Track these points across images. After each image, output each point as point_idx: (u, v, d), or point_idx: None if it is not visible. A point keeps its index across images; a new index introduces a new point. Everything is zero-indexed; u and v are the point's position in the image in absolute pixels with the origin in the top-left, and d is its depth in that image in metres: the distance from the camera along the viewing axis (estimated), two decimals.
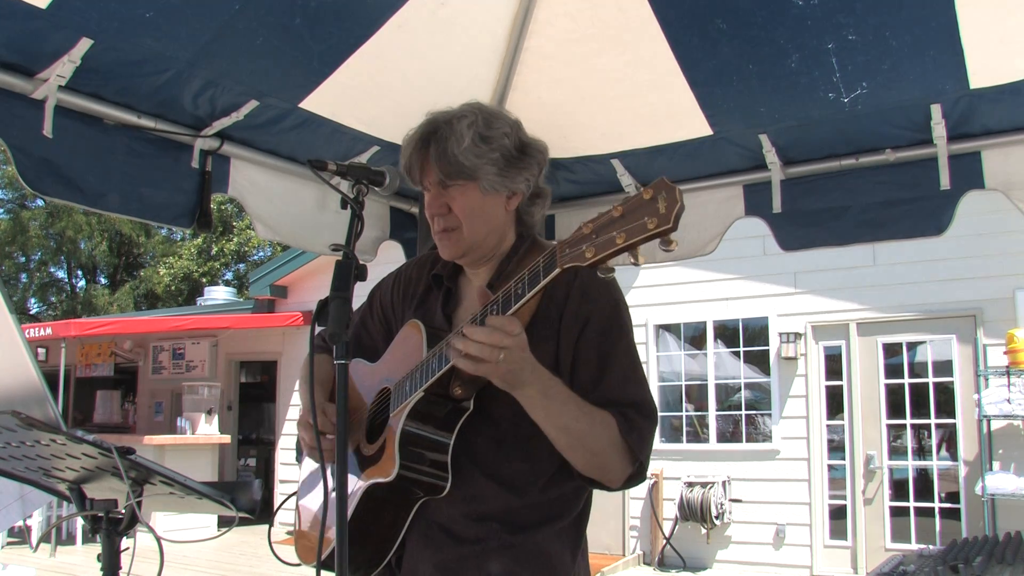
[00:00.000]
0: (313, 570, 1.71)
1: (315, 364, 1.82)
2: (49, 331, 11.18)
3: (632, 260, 1.27)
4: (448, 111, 1.66)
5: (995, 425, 7.49)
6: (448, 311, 1.72)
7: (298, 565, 1.75)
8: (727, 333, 9.38)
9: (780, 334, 8.74)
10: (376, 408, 1.71)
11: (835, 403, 8.61)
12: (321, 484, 1.78)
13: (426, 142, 1.64)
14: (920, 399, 8.21)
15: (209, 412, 11.15)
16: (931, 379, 8.19)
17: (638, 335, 9.44)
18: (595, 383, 1.58)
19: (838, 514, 8.44)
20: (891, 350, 8.43)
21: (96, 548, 1.71)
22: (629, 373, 1.61)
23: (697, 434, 9.33)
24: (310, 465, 1.88)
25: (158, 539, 1.68)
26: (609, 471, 1.58)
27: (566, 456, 1.56)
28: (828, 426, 8.60)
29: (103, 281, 28.38)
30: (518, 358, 1.40)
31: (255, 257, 25.49)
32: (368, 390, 1.75)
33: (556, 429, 1.52)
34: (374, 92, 2.59)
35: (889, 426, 8.34)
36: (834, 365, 8.66)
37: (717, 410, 9.21)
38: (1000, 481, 7.20)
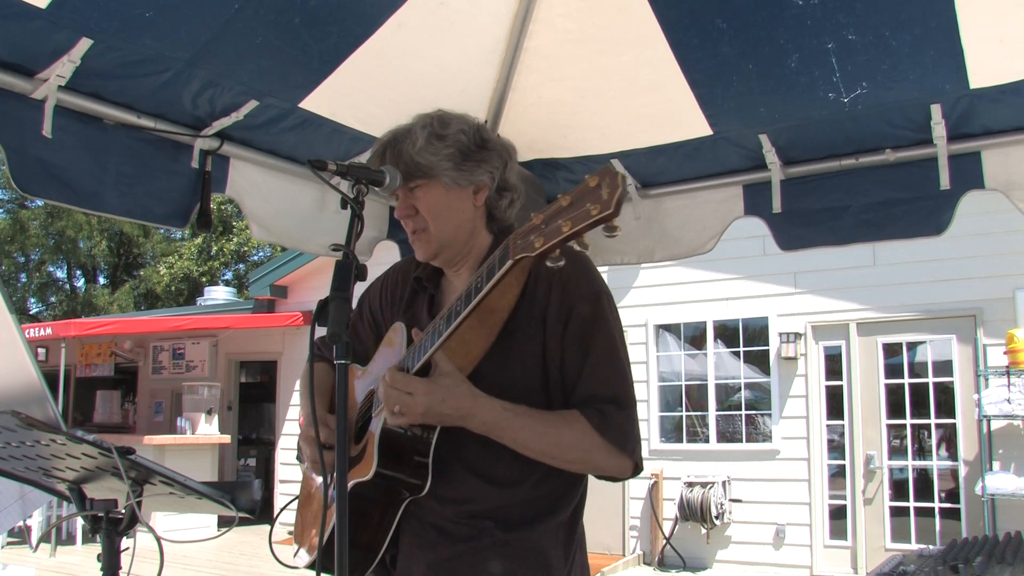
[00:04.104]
0: (311, 570, 1.72)
1: (315, 377, 1.85)
2: (49, 331, 11.18)
3: (579, 246, 1.29)
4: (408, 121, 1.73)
5: (995, 425, 7.49)
6: (435, 315, 1.73)
7: (295, 568, 1.75)
8: (727, 333, 9.38)
9: (780, 334, 8.74)
10: (363, 410, 1.72)
11: (835, 403, 8.61)
12: (320, 484, 1.79)
13: (385, 147, 1.70)
14: (920, 399, 8.21)
15: (209, 412, 11.15)
16: (931, 379, 8.19)
17: (638, 335, 9.55)
18: (577, 377, 1.60)
19: (838, 514, 8.44)
20: (891, 350, 8.43)
21: (96, 548, 1.71)
22: (608, 367, 1.61)
23: (697, 434, 9.33)
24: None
25: (158, 539, 1.68)
26: (601, 469, 1.60)
27: (553, 466, 1.59)
28: (828, 426, 8.60)
29: (103, 281, 28.38)
30: (419, 414, 1.49)
31: (255, 257, 25.50)
32: (359, 393, 1.77)
33: (520, 449, 1.56)
34: (374, 92, 2.59)
35: (889, 426, 8.34)
36: (834, 365, 8.67)
37: (717, 410, 9.21)
38: (1000, 481, 7.20)
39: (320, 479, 1.80)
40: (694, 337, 9.60)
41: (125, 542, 1.71)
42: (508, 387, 1.56)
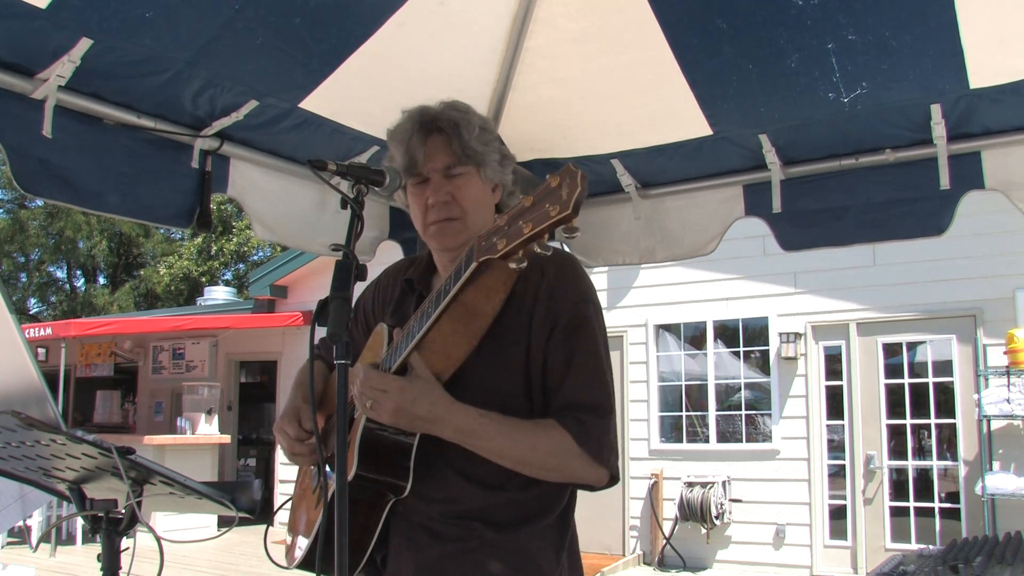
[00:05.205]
0: (303, 570, 1.72)
1: (304, 371, 1.86)
2: (49, 331, 11.18)
3: (539, 248, 1.27)
4: (437, 105, 1.69)
5: (995, 425, 7.49)
6: None
7: (288, 568, 1.75)
8: (727, 333, 9.38)
9: (780, 334, 8.74)
10: (350, 411, 1.71)
11: (835, 403, 8.61)
12: (312, 485, 1.79)
13: (430, 128, 1.65)
14: (920, 399, 8.21)
15: (209, 412, 11.15)
16: (931, 379, 8.19)
17: (638, 335, 9.56)
18: (559, 384, 1.58)
19: (838, 514, 8.44)
20: (891, 350, 8.43)
21: (96, 548, 1.71)
22: (591, 374, 1.59)
23: (697, 434, 9.33)
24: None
25: (158, 539, 1.68)
26: (578, 478, 1.58)
27: (529, 475, 1.56)
28: (828, 426, 8.60)
29: (102, 281, 28.38)
30: (390, 410, 1.48)
31: (255, 257, 25.50)
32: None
33: (495, 457, 1.53)
34: (374, 92, 2.59)
35: (889, 426, 8.34)
36: (834, 365, 8.67)
37: (717, 410, 9.21)
38: (1000, 481, 7.20)
39: (312, 475, 1.81)
40: (694, 337, 9.60)
41: (125, 542, 1.71)
42: (492, 392, 1.55)
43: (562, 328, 1.59)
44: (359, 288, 1.58)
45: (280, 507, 2.00)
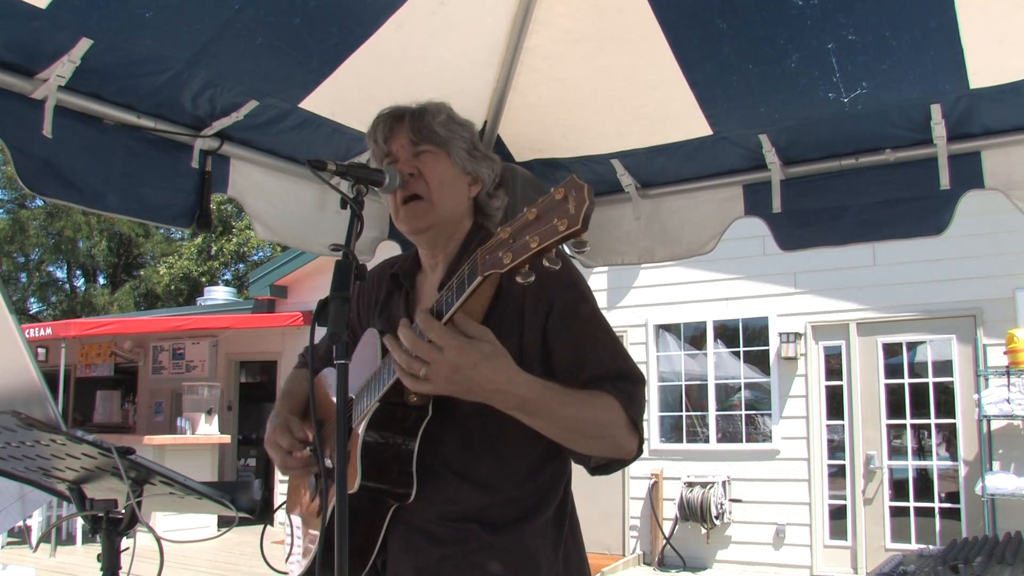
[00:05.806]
0: None
1: (292, 380, 1.85)
2: (49, 331, 11.19)
3: (547, 262, 1.24)
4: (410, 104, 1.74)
5: (995, 425, 7.49)
6: (411, 313, 1.70)
7: (285, 574, 1.75)
8: (727, 333, 9.38)
9: (780, 334, 8.74)
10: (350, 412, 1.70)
11: (835, 403, 8.61)
12: (309, 492, 1.79)
13: (397, 116, 1.71)
14: (920, 399, 8.21)
15: (209, 412, 11.15)
16: (931, 379, 8.19)
17: (638, 335, 9.56)
18: (582, 363, 1.55)
19: (838, 514, 8.44)
20: (891, 350, 8.43)
21: (96, 548, 1.71)
22: (612, 346, 1.59)
23: (697, 434, 9.33)
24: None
25: (158, 539, 1.68)
26: (619, 447, 1.54)
27: (575, 449, 1.53)
28: (828, 426, 8.60)
29: (102, 281, 28.39)
30: (445, 374, 1.33)
31: (255, 257, 25.50)
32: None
33: (553, 429, 1.48)
34: (374, 92, 2.58)
35: (889, 426, 8.34)
36: (834, 365, 8.67)
37: (717, 410, 9.21)
38: (1000, 481, 7.20)
39: (309, 479, 1.80)
40: (694, 337, 9.61)
41: (125, 542, 1.71)
42: None
43: (560, 311, 1.58)
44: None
45: (279, 507, 2.00)
